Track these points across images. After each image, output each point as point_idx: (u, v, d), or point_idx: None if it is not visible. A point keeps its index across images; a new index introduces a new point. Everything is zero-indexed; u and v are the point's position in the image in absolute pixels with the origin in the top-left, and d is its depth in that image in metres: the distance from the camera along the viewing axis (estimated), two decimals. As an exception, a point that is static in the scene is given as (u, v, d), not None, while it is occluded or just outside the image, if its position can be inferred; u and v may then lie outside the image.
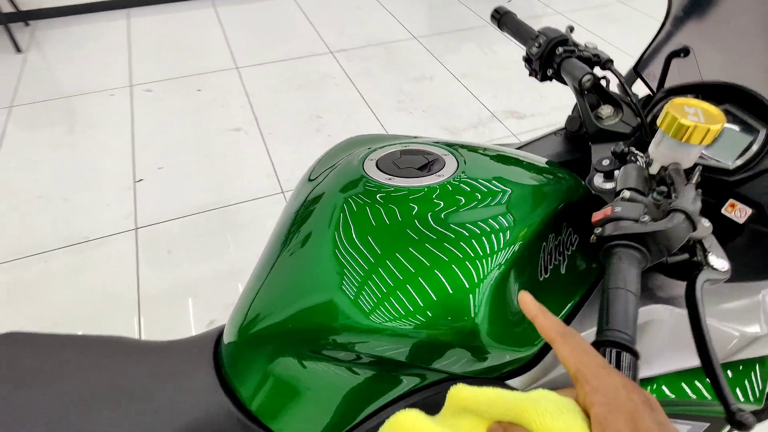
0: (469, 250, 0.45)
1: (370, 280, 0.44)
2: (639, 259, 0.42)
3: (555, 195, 0.53)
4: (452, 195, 0.49)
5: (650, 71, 0.77)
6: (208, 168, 2.09)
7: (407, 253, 0.45)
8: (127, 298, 1.57)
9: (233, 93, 2.54)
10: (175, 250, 1.74)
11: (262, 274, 0.54)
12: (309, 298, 0.47)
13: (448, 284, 0.43)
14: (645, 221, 0.43)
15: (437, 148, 0.58)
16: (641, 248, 0.42)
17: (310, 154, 2.15)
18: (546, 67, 0.73)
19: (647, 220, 0.43)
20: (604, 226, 0.45)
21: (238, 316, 0.55)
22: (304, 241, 0.51)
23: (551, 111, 2.41)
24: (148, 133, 2.26)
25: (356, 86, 2.60)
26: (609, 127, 0.68)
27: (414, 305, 0.43)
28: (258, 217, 1.87)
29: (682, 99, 0.48)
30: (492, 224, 0.47)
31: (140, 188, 1.99)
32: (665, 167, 0.50)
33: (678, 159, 0.49)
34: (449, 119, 2.38)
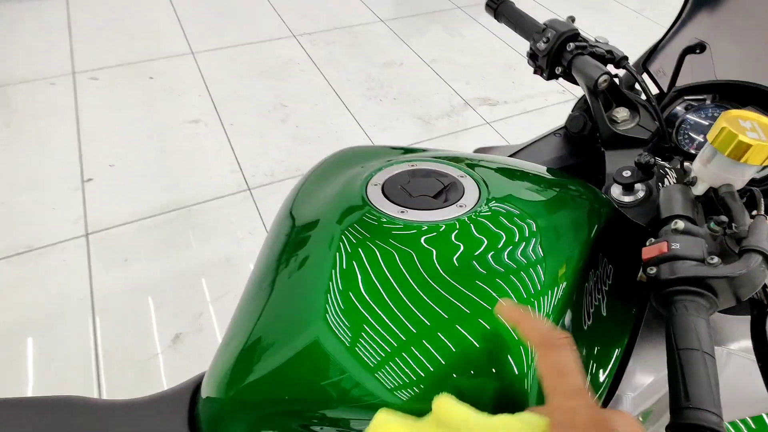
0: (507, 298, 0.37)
1: (381, 343, 0.36)
2: (707, 308, 0.36)
3: (588, 220, 0.46)
4: (478, 231, 0.41)
5: (661, 68, 0.71)
6: (165, 164, 1.92)
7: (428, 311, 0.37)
8: (80, 315, 1.42)
9: (189, 81, 2.36)
10: (132, 257, 1.59)
11: (249, 322, 0.45)
12: (303, 362, 0.39)
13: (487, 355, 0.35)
14: (714, 263, 0.37)
15: (452, 168, 0.49)
16: (710, 295, 0.36)
17: (277, 147, 2.03)
18: (554, 65, 0.66)
19: (716, 261, 0.37)
20: (659, 266, 0.38)
21: (221, 370, 0.46)
22: (297, 288, 0.42)
23: (524, 98, 2.37)
24: (96, 127, 2.06)
25: (322, 72, 2.47)
26: (625, 132, 0.62)
27: (437, 379, 0.35)
28: (223, 217, 1.74)
29: (737, 111, 0.42)
30: (529, 266, 0.39)
31: (89, 188, 1.81)
32: (715, 189, 0.44)
33: (730, 180, 0.43)
34: (421, 107, 2.29)
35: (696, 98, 0.68)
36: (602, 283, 0.45)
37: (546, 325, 0.31)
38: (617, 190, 0.59)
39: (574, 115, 0.75)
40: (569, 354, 0.29)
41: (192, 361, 1.34)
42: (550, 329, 0.31)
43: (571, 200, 0.49)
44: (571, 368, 0.29)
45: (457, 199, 0.44)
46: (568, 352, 0.30)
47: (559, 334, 0.30)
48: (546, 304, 0.38)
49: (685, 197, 0.44)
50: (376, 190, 0.46)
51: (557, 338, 0.30)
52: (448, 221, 0.42)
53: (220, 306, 1.47)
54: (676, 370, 0.33)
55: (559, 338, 0.30)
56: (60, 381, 1.28)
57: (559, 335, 0.30)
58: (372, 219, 0.43)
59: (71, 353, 1.33)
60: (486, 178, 0.47)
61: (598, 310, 0.43)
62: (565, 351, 0.30)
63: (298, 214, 0.50)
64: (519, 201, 0.45)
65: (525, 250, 0.40)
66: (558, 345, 0.30)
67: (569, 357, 0.29)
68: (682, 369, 0.32)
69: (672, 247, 0.38)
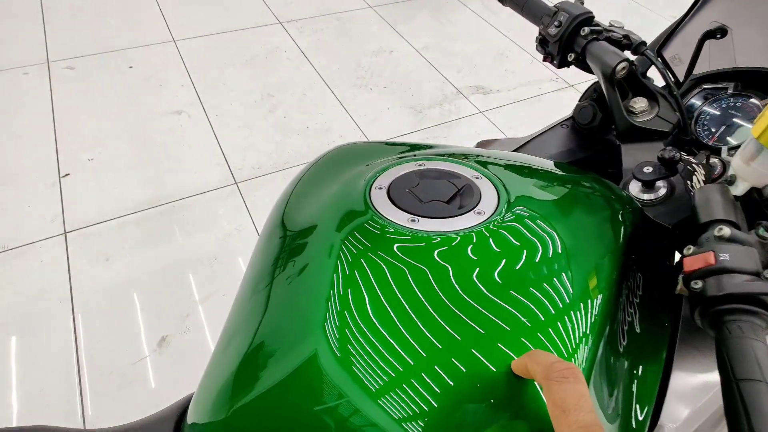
0: (545, 329, 0.32)
1: (387, 370, 0.31)
2: (763, 328, 0.31)
3: (617, 224, 0.41)
4: (500, 243, 0.36)
5: (677, 54, 0.66)
6: (147, 158, 1.84)
7: (444, 335, 0.32)
8: (59, 318, 1.35)
9: (171, 70, 2.26)
10: (114, 256, 1.52)
11: (239, 343, 0.40)
12: (299, 389, 0.34)
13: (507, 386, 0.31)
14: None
15: (464, 168, 0.44)
16: (766, 314, 0.31)
17: (264, 138, 1.95)
18: (567, 51, 0.60)
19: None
20: (706, 280, 0.34)
21: (210, 394, 0.41)
22: (293, 307, 0.37)
23: (518, 86, 2.32)
24: (73, 119, 1.97)
25: (310, 61, 2.39)
26: (644, 124, 0.57)
27: (450, 410, 0.30)
28: (209, 212, 1.67)
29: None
30: (559, 282, 0.34)
31: (67, 184, 1.72)
32: (758, 189, 0.39)
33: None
34: (413, 96, 2.23)
35: (716, 87, 0.63)
36: (633, 294, 0.40)
37: (549, 358, 0.29)
38: (636, 187, 0.55)
39: (583, 105, 0.70)
40: (575, 387, 0.27)
41: (179, 365, 1.28)
42: (553, 362, 0.29)
43: (596, 202, 0.44)
44: (576, 403, 0.27)
45: (473, 205, 0.39)
46: (573, 385, 0.27)
47: (562, 366, 0.28)
48: (581, 325, 0.33)
49: (726, 199, 0.40)
50: (381, 195, 0.40)
51: (561, 370, 0.28)
52: (466, 231, 0.37)
53: (207, 307, 1.41)
54: (736, 403, 0.28)
55: (563, 370, 0.28)
56: (39, 390, 1.21)
57: (562, 367, 0.28)
58: (378, 229, 0.37)
59: (51, 360, 1.27)
60: (503, 179, 0.42)
61: (632, 326, 0.39)
62: (569, 384, 0.27)
63: (293, 222, 0.44)
64: (542, 206, 0.40)
65: (553, 263, 0.35)
66: (562, 378, 0.28)
67: (575, 390, 0.27)
68: (743, 402, 0.28)
69: (720, 258, 0.34)
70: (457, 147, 0.52)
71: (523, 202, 0.40)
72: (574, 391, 0.27)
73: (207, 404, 0.41)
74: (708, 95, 0.64)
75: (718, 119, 0.61)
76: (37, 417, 1.17)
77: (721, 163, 0.55)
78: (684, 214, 0.49)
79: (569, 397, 0.27)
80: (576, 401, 0.26)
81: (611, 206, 0.45)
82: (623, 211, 0.45)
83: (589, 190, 0.46)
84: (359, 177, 0.44)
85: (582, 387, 0.27)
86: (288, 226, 0.44)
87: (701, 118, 0.62)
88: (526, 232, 0.37)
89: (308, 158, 1.90)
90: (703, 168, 0.50)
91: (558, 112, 2.45)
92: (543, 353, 0.30)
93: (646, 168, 0.52)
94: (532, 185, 0.43)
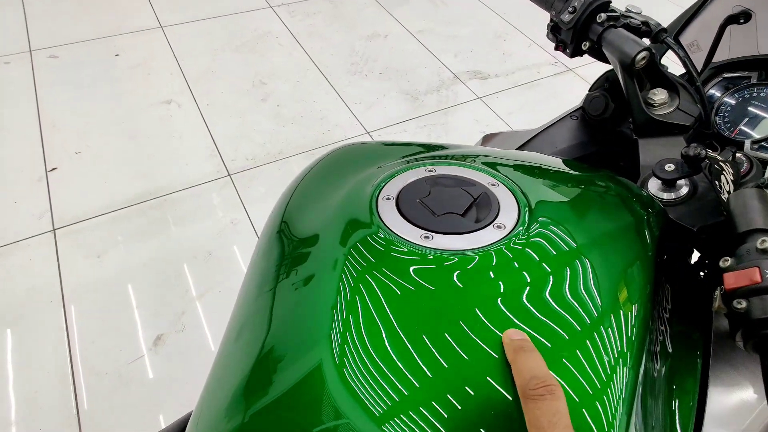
0: (575, 354, 0.29)
1: (398, 398, 0.28)
2: None
3: (643, 232, 0.38)
4: (523, 262, 0.33)
5: (695, 41, 0.63)
6: (137, 150, 1.79)
7: (462, 364, 0.29)
8: (51, 319, 1.32)
9: (159, 57, 2.19)
10: (107, 253, 1.48)
11: (240, 359, 0.37)
12: (304, 412, 0.31)
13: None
14: None
15: (478, 174, 0.40)
16: None
17: (257, 128, 1.90)
18: (581, 40, 0.56)
19: None
20: (751, 300, 0.31)
21: (210, 414, 0.39)
22: (298, 328, 0.34)
23: (516, 71, 2.26)
24: (59, 111, 1.90)
25: (302, 46, 2.32)
26: (664, 117, 0.54)
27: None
28: (203, 206, 1.63)
29: None
30: (590, 304, 0.31)
31: (54, 179, 1.67)
32: None
33: None
34: (409, 82, 2.18)
35: (737, 76, 0.60)
36: (663, 309, 0.37)
37: (528, 371, 0.28)
38: (655, 185, 0.51)
39: (594, 95, 0.66)
40: (550, 404, 0.26)
41: (176, 364, 1.25)
42: (530, 378, 0.27)
43: (619, 207, 0.41)
44: (550, 420, 0.26)
45: (492, 218, 0.36)
46: (548, 403, 0.26)
47: (538, 384, 0.27)
48: (616, 347, 0.30)
49: (765, 205, 0.36)
50: (390, 207, 0.37)
51: (536, 389, 0.27)
52: (486, 249, 0.33)
53: (203, 304, 1.38)
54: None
55: (538, 389, 0.27)
56: (33, 392, 1.18)
57: (538, 385, 0.27)
58: (389, 246, 0.34)
59: (44, 362, 1.24)
60: (521, 186, 0.39)
61: (664, 347, 0.36)
62: (544, 402, 0.26)
63: (292, 232, 0.40)
64: (565, 216, 0.36)
65: (582, 281, 0.32)
66: (537, 396, 0.27)
67: (550, 408, 0.26)
68: None
69: (767, 275, 0.31)
70: (466, 147, 0.49)
71: (545, 212, 0.36)
72: (548, 409, 0.26)
73: (207, 425, 0.39)
74: (729, 85, 0.60)
75: (740, 111, 0.58)
76: (32, 420, 1.14)
77: (748, 160, 0.52)
78: (710, 216, 0.46)
79: (543, 415, 0.26)
80: (550, 419, 0.26)
81: (635, 210, 0.41)
82: (647, 214, 0.42)
83: (610, 193, 0.43)
84: (365, 184, 0.40)
85: (559, 404, 0.26)
86: (289, 235, 0.40)
87: (721, 110, 0.59)
88: (550, 247, 0.34)
89: (303, 148, 1.85)
90: (729, 166, 0.47)
91: (557, 97, 2.39)
92: (528, 357, 0.28)
93: (668, 165, 0.48)
94: (551, 191, 0.40)
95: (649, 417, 0.31)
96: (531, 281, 0.32)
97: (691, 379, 0.36)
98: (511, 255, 0.33)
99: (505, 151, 0.49)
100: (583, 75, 2.25)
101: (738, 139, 0.56)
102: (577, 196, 0.40)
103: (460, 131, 1.97)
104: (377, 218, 0.36)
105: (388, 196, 0.38)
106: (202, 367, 1.22)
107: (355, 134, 1.93)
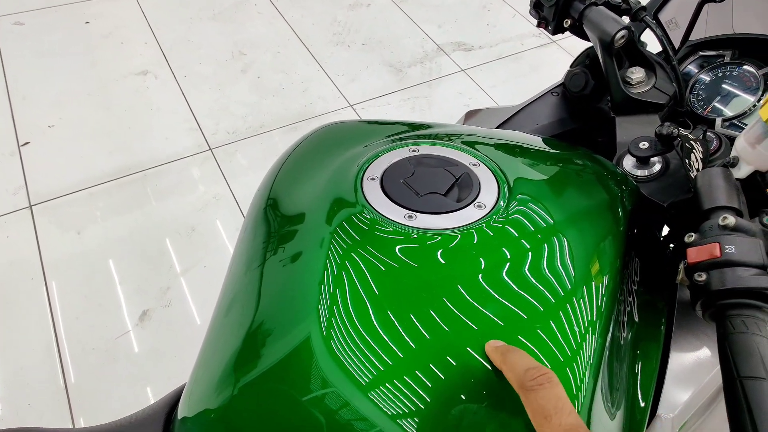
0: (549, 325, 0.31)
1: (384, 370, 0.30)
2: (765, 323, 0.31)
3: (616, 209, 0.40)
4: (503, 239, 0.34)
5: (673, 18, 0.63)
6: (113, 123, 1.74)
7: (445, 338, 0.30)
8: (33, 297, 1.31)
9: (133, 25, 2.10)
10: (86, 228, 1.46)
11: (231, 334, 0.38)
12: (294, 386, 0.33)
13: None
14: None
15: (460, 153, 0.41)
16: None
17: (238, 100, 1.86)
18: (563, 17, 0.57)
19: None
20: (710, 273, 0.33)
21: (202, 387, 0.40)
22: (286, 304, 0.35)
23: (500, 42, 2.25)
24: (28, 82, 1.83)
25: (283, 15, 2.25)
26: (641, 96, 0.55)
27: (454, 417, 0.30)
28: (184, 181, 1.61)
29: None
30: (567, 276, 0.33)
31: (28, 153, 1.62)
32: (762, 173, 0.38)
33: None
34: (392, 53, 2.14)
35: (712, 54, 0.61)
36: (632, 281, 0.39)
37: (521, 364, 0.29)
38: (630, 162, 0.53)
39: (575, 71, 0.67)
40: (551, 392, 0.27)
41: (163, 339, 1.26)
42: (526, 369, 0.28)
43: (594, 184, 0.42)
44: (555, 406, 0.27)
45: (473, 197, 0.37)
46: (549, 390, 0.27)
47: (536, 374, 0.28)
48: (586, 318, 0.32)
49: (729, 184, 0.38)
50: (374, 187, 0.38)
51: (535, 378, 0.28)
52: (467, 228, 0.35)
53: (188, 279, 1.38)
54: (739, 401, 0.28)
55: (537, 378, 0.28)
56: (19, 369, 1.19)
57: (536, 375, 0.28)
58: (374, 226, 0.35)
59: (29, 339, 1.23)
60: (501, 165, 0.40)
61: (631, 316, 0.38)
62: (545, 390, 0.27)
63: (279, 210, 0.41)
64: (542, 195, 0.38)
65: (557, 256, 0.34)
66: (537, 385, 0.28)
67: (552, 395, 0.27)
68: (747, 401, 0.28)
69: (726, 250, 0.33)
70: (449, 126, 0.50)
71: (523, 191, 0.38)
72: (551, 396, 0.27)
73: (198, 398, 0.40)
74: (704, 63, 0.61)
75: (713, 89, 0.59)
76: (20, 397, 1.15)
77: (717, 138, 0.54)
78: (679, 192, 0.48)
79: (548, 402, 0.27)
80: (555, 404, 0.27)
81: (609, 188, 0.43)
82: (621, 191, 0.44)
83: (587, 171, 0.45)
84: (350, 164, 0.41)
85: (558, 389, 0.27)
86: (276, 213, 0.41)
87: (696, 88, 0.60)
88: (527, 225, 0.35)
89: (286, 121, 1.83)
90: (700, 144, 0.49)
91: (540, 70, 2.38)
92: (517, 355, 0.30)
93: (642, 143, 0.50)
94: (529, 170, 0.41)
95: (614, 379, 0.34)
96: (508, 258, 0.33)
97: (654, 345, 0.39)
98: (490, 233, 0.34)
99: (486, 131, 0.50)
100: (565, 47, 2.24)
101: (710, 117, 0.58)
102: (554, 175, 0.42)
103: (444, 105, 1.96)
104: (362, 198, 0.37)
105: (373, 176, 0.39)
106: (190, 341, 1.23)
107: (338, 107, 1.91)
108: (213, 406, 0.38)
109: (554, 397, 0.27)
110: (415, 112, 1.92)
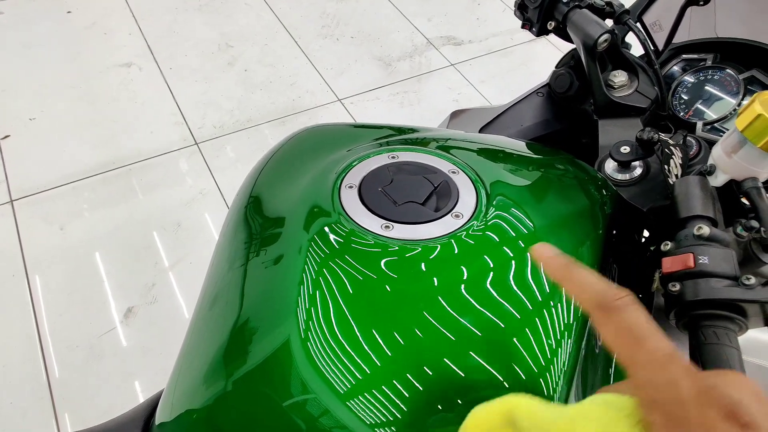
0: (525, 336, 0.31)
1: (363, 378, 0.30)
2: (736, 333, 0.31)
3: (596, 216, 0.40)
4: (480, 249, 0.34)
5: (657, 20, 0.64)
6: (97, 117, 1.71)
7: (425, 351, 0.31)
8: (15, 294, 1.29)
9: (116, 16, 2.06)
10: (70, 224, 1.44)
11: (209, 339, 0.38)
12: (274, 393, 0.33)
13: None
14: (750, 284, 0.32)
15: (440, 161, 0.41)
16: (741, 319, 0.31)
17: (224, 94, 1.84)
18: (547, 19, 0.57)
19: (754, 282, 0.32)
20: (684, 284, 0.33)
21: (180, 393, 0.40)
22: (264, 308, 0.35)
23: (489, 37, 2.24)
24: (8, 73, 1.79)
25: (271, 7, 2.22)
26: (623, 99, 0.56)
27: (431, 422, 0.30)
28: (169, 175, 1.59)
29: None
30: (544, 286, 0.33)
31: (8, 147, 1.59)
32: (737, 182, 0.39)
33: (755, 173, 0.38)
34: (381, 47, 2.13)
35: (694, 58, 0.62)
36: None
37: (599, 284, 0.25)
38: (611, 165, 0.54)
39: (560, 72, 0.67)
40: (639, 313, 0.24)
41: (149, 336, 1.26)
42: (605, 288, 0.25)
43: (575, 191, 0.43)
44: (647, 329, 0.23)
45: (451, 206, 0.37)
46: (636, 311, 0.24)
47: (619, 293, 0.24)
48: (563, 327, 0.32)
49: (705, 193, 0.39)
50: (352, 195, 0.38)
51: (620, 298, 0.24)
52: (443, 239, 0.35)
53: (174, 275, 1.37)
54: None
55: (622, 298, 0.24)
56: (1, 367, 1.17)
57: (619, 294, 0.24)
58: (349, 237, 0.35)
59: (10, 336, 1.22)
60: (480, 173, 0.40)
61: None
62: (631, 311, 0.24)
63: (260, 212, 0.41)
64: (522, 201, 0.38)
65: (533, 267, 0.34)
66: (622, 306, 0.24)
67: (640, 317, 0.23)
68: None
69: (699, 261, 0.33)
70: (432, 130, 0.49)
71: (502, 200, 0.38)
72: (641, 317, 0.23)
73: (176, 404, 0.40)
74: (686, 66, 0.62)
75: (695, 93, 0.60)
76: (0, 396, 1.14)
77: (697, 142, 0.54)
78: (659, 197, 0.49)
79: (639, 323, 0.23)
80: (646, 328, 0.23)
81: (589, 194, 0.43)
82: (601, 198, 0.44)
83: (567, 177, 0.45)
84: (329, 170, 0.40)
85: (645, 313, 0.24)
86: (256, 215, 0.41)
87: (678, 91, 0.61)
88: (504, 235, 0.36)
89: (273, 115, 1.81)
90: (679, 150, 0.50)
91: (529, 65, 2.38)
92: (586, 272, 0.26)
93: (623, 147, 0.50)
94: (509, 177, 0.41)
95: (589, 383, 0.34)
96: (483, 267, 0.34)
97: None
98: (467, 243, 0.35)
99: (469, 135, 0.50)
100: (555, 42, 2.24)
101: (691, 121, 0.58)
102: (534, 182, 0.42)
103: (433, 99, 1.96)
104: (339, 207, 0.37)
105: (351, 184, 0.39)
106: (176, 338, 1.22)
107: (327, 101, 1.89)
108: (192, 410, 0.38)
109: (644, 318, 0.23)
110: (404, 107, 1.92)
